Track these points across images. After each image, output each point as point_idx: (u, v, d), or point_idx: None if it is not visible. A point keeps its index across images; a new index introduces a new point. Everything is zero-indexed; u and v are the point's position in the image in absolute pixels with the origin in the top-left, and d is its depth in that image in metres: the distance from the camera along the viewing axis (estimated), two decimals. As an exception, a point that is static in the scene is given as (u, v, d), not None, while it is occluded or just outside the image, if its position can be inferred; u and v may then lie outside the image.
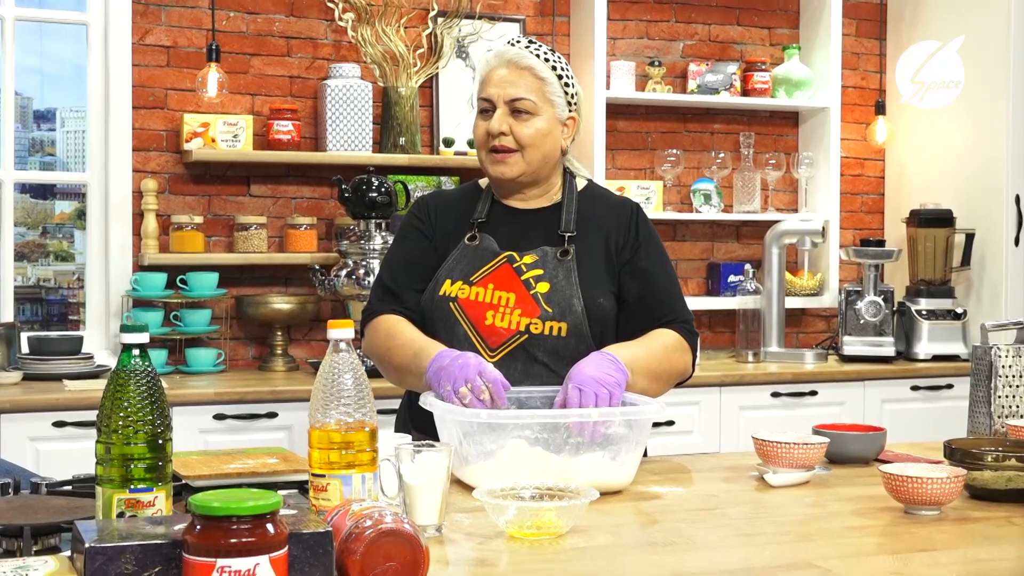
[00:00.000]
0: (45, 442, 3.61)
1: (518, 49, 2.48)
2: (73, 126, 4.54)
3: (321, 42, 4.58)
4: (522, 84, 2.46)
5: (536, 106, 2.46)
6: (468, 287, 2.46)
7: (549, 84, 2.47)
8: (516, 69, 2.47)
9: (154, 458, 1.57)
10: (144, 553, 1.35)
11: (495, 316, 2.42)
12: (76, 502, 1.81)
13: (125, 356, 1.59)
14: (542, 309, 2.41)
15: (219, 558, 1.29)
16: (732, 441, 4.33)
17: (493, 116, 2.48)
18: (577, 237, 2.50)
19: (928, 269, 4.90)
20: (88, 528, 1.41)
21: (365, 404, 1.70)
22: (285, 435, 3.85)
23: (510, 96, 2.46)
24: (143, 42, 4.35)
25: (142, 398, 1.57)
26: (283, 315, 4.35)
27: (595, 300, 2.45)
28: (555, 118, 2.49)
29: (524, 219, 2.55)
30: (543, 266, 2.46)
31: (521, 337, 2.41)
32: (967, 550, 1.72)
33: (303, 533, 1.39)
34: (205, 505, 1.30)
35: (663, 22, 5.07)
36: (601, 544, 1.74)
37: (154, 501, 1.58)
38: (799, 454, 2.21)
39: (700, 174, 5.07)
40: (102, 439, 1.57)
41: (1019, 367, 2.49)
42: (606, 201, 2.60)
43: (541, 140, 2.48)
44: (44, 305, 4.62)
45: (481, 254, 2.50)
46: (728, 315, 5.04)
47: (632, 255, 2.52)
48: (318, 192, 4.57)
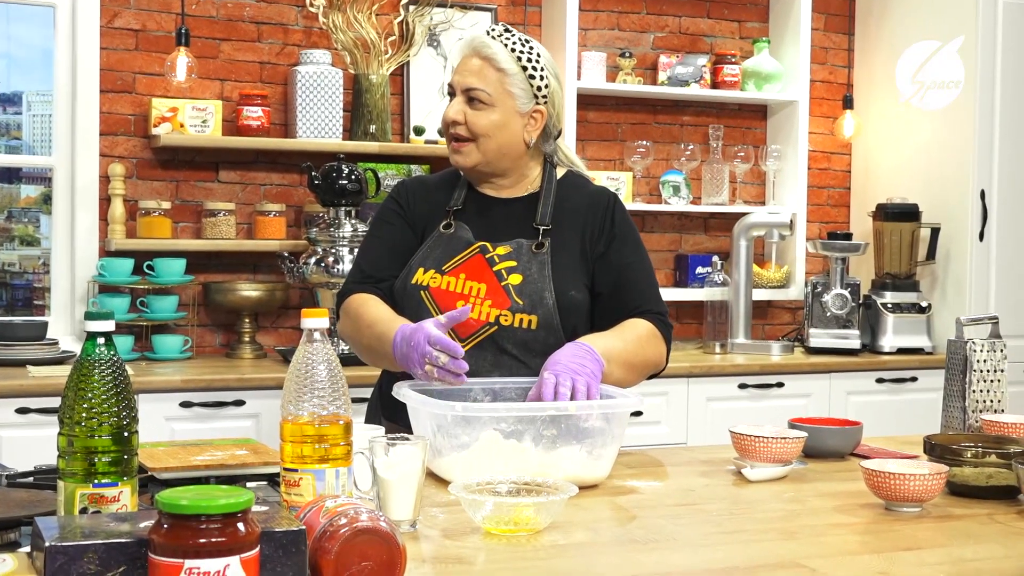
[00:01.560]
0: (8, 429, 3.57)
1: (485, 38, 2.46)
2: (39, 110, 4.48)
3: (292, 28, 4.54)
4: (480, 74, 2.44)
5: (491, 97, 2.44)
6: (440, 276, 2.45)
7: (510, 75, 2.44)
8: (478, 58, 2.45)
9: (119, 451, 1.52)
10: (108, 553, 1.30)
11: (465, 306, 2.40)
12: (37, 495, 1.75)
13: (89, 344, 1.53)
14: (512, 301, 2.40)
15: (187, 559, 1.24)
16: (699, 432, 4.35)
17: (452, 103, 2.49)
18: (553, 228, 2.49)
19: (894, 263, 4.94)
20: (49, 525, 1.36)
21: (340, 396, 1.66)
22: (252, 423, 3.83)
23: (467, 85, 2.45)
24: (111, 25, 4.30)
25: (107, 389, 1.52)
26: (251, 302, 4.31)
27: (566, 293, 2.43)
28: (514, 110, 2.45)
29: (500, 209, 2.54)
30: (517, 258, 2.44)
31: (491, 328, 2.40)
32: (952, 549, 1.72)
33: (275, 532, 1.35)
34: (173, 503, 1.24)
35: (634, 13, 5.06)
36: (580, 541, 1.72)
37: (119, 496, 1.52)
38: (777, 448, 2.20)
39: (669, 166, 5.08)
40: (64, 431, 1.52)
41: (993, 362, 2.51)
42: (583, 191, 2.57)
43: (495, 131, 2.45)
44: (8, 290, 4.56)
45: (454, 243, 2.48)
46: (696, 306, 5.05)
47: (607, 247, 2.50)
48: (287, 179, 4.54)
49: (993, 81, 4.81)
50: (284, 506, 1.62)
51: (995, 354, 2.51)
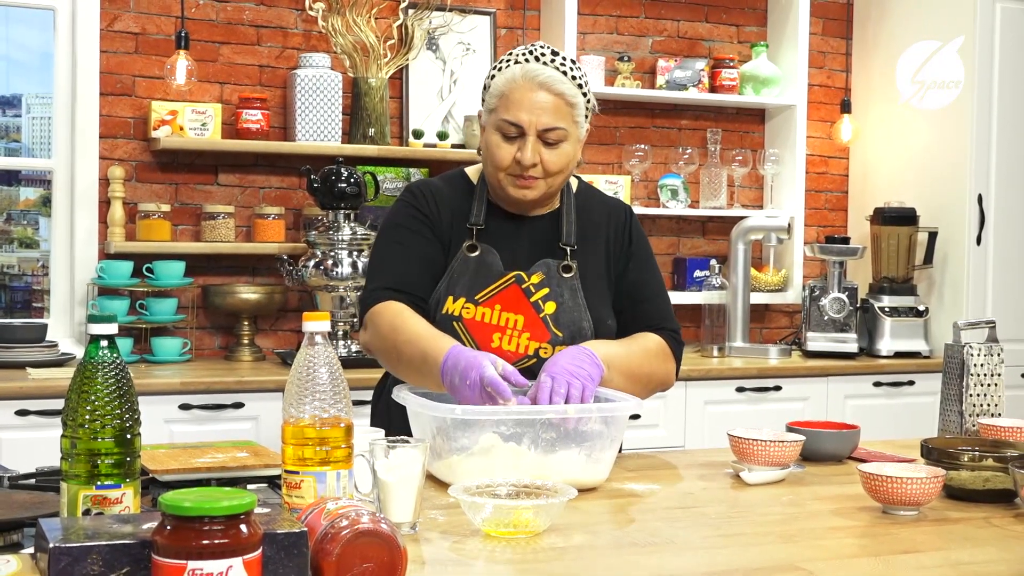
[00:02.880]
0: (8, 431, 3.57)
1: (550, 70, 2.31)
2: (39, 112, 4.49)
3: (291, 31, 4.55)
4: (556, 112, 2.31)
5: (567, 133, 2.33)
6: (473, 307, 2.36)
7: (578, 108, 2.34)
8: (549, 94, 2.31)
9: (122, 453, 1.53)
10: (111, 553, 1.31)
11: (502, 339, 2.35)
12: (40, 496, 1.76)
13: (92, 347, 1.54)
14: (552, 334, 2.36)
15: (190, 560, 1.25)
16: (697, 435, 4.36)
17: (523, 143, 2.33)
18: (578, 250, 2.45)
19: (891, 266, 4.95)
20: (53, 527, 1.37)
21: (341, 399, 1.67)
22: (251, 425, 3.83)
23: (544, 126, 2.31)
24: (111, 28, 4.31)
25: (110, 391, 1.53)
26: (250, 305, 4.32)
27: (604, 322, 2.40)
28: (579, 139, 2.38)
29: (523, 228, 2.46)
30: (548, 284, 2.39)
31: (529, 361, 2.35)
32: (950, 552, 1.73)
33: (277, 533, 1.36)
34: (176, 505, 1.25)
35: (632, 18, 5.08)
36: (579, 544, 1.73)
37: (122, 498, 1.53)
38: (775, 452, 2.21)
39: (667, 169, 5.09)
40: (68, 433, 1.53)
41: (991, 366, 2.52)
42: (600, 203, 2.54)
43: (568, 165, 2.37)
44: (7, 292, 4.57)
45: (484, 271, 2.39)
46: (694, 310, 5.06)
47: (626, 265, 2.49)
48: (286, 182, 4.55)
49: (990, 85, 4.82)
50: (286, 508, 1.63)
51: (992, 358, 2.53)
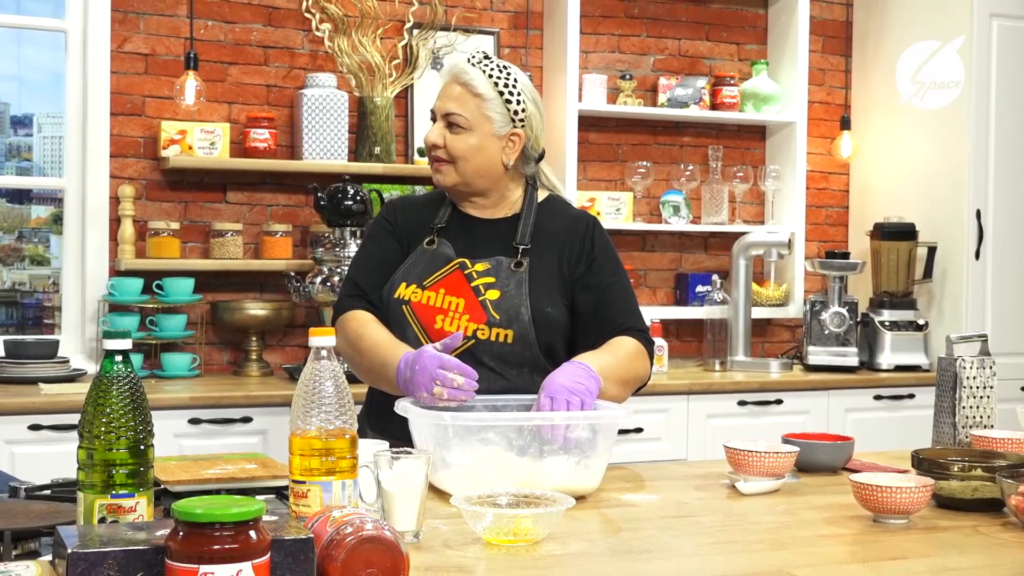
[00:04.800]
0: (21, 445, 3.62)
1: (465, 65, 2.57)
2: (50, 131, 4.56)
3: (298, 52, 4.62)
4: (459, 99, 2.55)
5: (469, 121, 2.54)
6: (420, 291, 2.54)
7: (487, 101, 2.54)
8: (457, 84, 2.56)
9: (136, 464, 1.58)
10: (127, 559, 1.35)
11: (444, 320, 2.50)
12: (56, 506, 1.82)
13: (108, 362, 1.60)
14: (489, 315, 2.48)
15: (202, 564, 1.30)
16: (699, 448, 4.41)
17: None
18: (532, 249, 2.57)
19: (891, 281, 4.99)
20: (70, 534, 1.42)
21: (346, 411, 1.72)
22: (259, 440, 3.88)
23: (446, 110, 2.56)
24: (122, 49, 4.38)
25: (124, 404, 1.58)
26: (258, 321, 4.38)
27: (542, 310, 2.51)
28: (491, 133, 2.56)
29: (482, 228, 2.63)
30: (495, 274, 2.53)
31: (468, 342, 2.48)
32: (936, 559, 1.78)
33: (285, 539, 1.41)
34: (188, 511, 1.31)
35: (634, 37, 5.14)
36: (577, 551, 1.78)
37: (136, 507, 1.58)
38: (770, 463, 2.26)
39: (669, 186, 5.15)
40: (84, 444, 1.58)
41: (983, 378, 2.56)
42: (564, 215, 2.66)
43: (472, 154, 2.55)
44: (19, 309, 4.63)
45: (436, 259, 2.58)
46: (696, 325, 5.11)
47: (587, 268, 2.59)
48: (294, 200, 4.61)
49: (988, 101, 4.88)
50: (293, 516, 1.68)
51: (984, 371, 2.57)
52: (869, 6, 5.38)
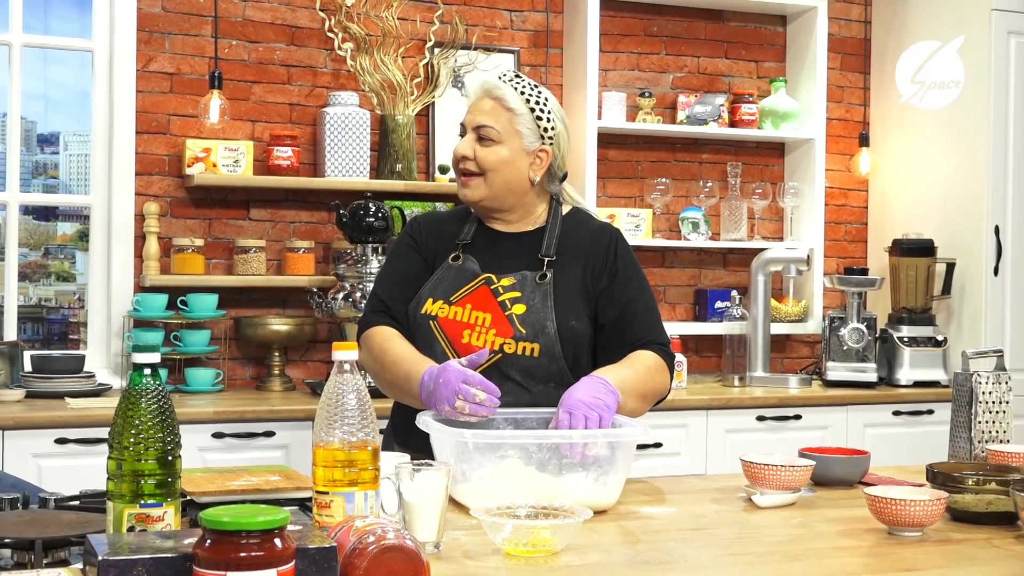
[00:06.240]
0: (47, 458, 3.67)
1: (497, 81, 2.60)
2: (76, 149, 4.62)
3: (320, 70, 4.67)
4: (491, 112, 2.58)
5: (500, 134, 2.57)
6: (447, 306, 2.56)
7: (518, 116, 2.58)
8: (488, 98, 2.60)
9: (164, 474, 1.62)
10: (155, 566, 1.38)
11: (471, 335, 2.51)
12: (85, 516, 1.85)
13: (136, 375, 1.63)
14: (515, 330, 2.50)
15: (229, 571, 1.33)
16: (718, 463, 4.42)
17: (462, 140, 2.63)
18: (556, 261, 2.60)
19: (910, 297, 5.00)
20: (100, 542, 1.44)
21: (368, 424, 1.75)
22: (282, 453, 3.92)
23: (477, 123, 2.59)
24: (147, 69, 4.44)
25: (153, 416, 1.61)
26: (281, 336, 4.42)
27: (568, 323, 2.53)
28: (520, 148, 2.59)
29: (506, 242, 2.65)
30: (521, 288, 2.55)
31: (495, 356, 2.50)
32: (949, 570, 1.80)
33: (309, 548, 1.44)
34: (216, 520, 1.34)
35: (653, 54, 5.18)
36: (595, 562, 1.80)
37: (163, 516, 1.61)
38: (786, 476, 2.27)
39: (688, 202, 5.18)
40: (114, 455, 1.61)
41: (999, 393, 2.58)
42: (587, 227, 2.69)
43: (502, 167, 2.58)
44: (45, 324, 4.69)
45: (462, 275, 2.60)
46: (715, 340, 5.14)
47: (610, 281, 2.61)
48: (316, 217, 4.66)
49: (1006, 117, 4.89)
50: (317, 526, 1.71)
51: (1000, 386, 2.59)
52: (887, 23, 5.40)
